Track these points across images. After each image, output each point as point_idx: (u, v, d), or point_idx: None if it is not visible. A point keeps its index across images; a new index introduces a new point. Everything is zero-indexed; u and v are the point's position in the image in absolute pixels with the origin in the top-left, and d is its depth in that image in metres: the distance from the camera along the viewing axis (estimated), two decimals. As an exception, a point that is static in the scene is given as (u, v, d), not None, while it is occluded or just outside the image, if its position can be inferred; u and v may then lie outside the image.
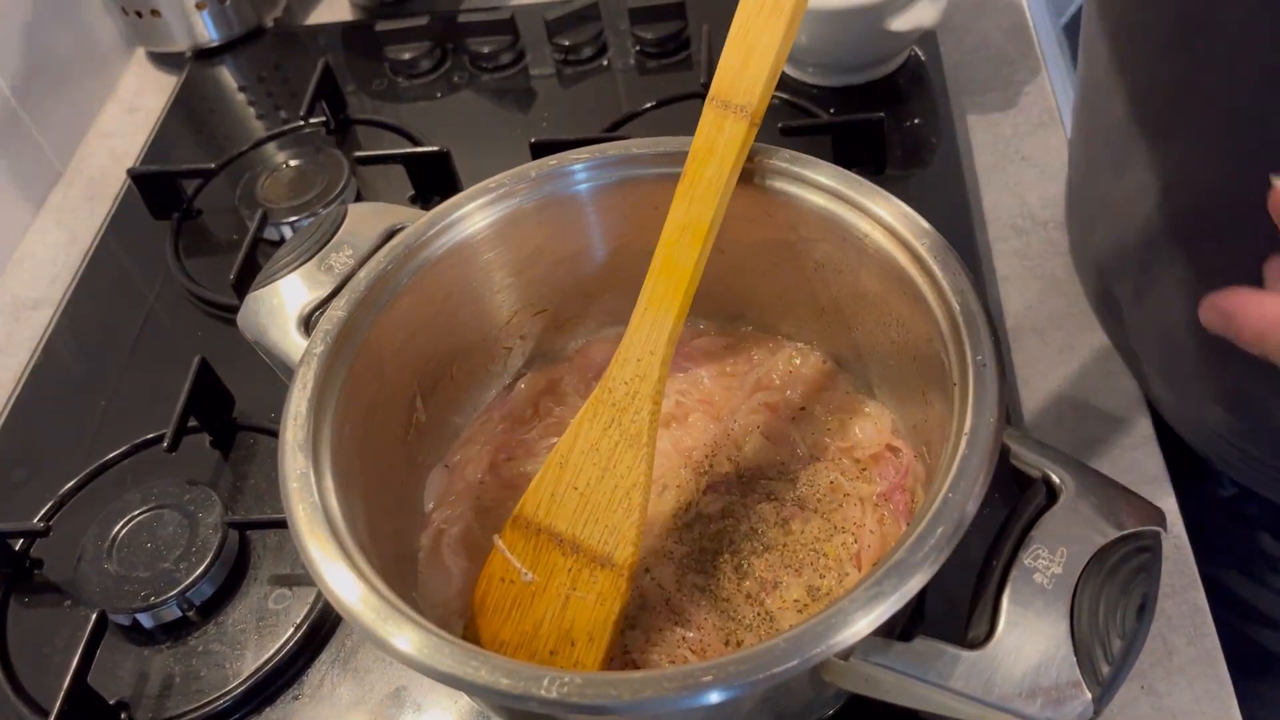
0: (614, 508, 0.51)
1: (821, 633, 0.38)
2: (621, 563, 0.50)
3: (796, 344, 0.62)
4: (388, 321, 0.54)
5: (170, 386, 0.71)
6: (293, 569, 0.64)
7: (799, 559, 0.54)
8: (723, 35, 0.51)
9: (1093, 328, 0.70)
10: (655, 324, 0.52)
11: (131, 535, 0.65)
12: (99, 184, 0.97)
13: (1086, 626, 0.40)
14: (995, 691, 0.39)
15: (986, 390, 0.44)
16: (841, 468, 0.57)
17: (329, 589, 0.42)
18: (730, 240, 0.52)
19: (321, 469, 0.47)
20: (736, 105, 0.51)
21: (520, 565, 0.52)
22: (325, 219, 0.58)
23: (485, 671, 0.39)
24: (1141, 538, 0.42)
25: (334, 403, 0.50)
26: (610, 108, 0.91)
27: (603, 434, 0.52)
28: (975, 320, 0.46)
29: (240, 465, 0.71)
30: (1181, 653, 0.56)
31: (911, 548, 0.40)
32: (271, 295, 0.56)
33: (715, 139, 0.51)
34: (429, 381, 0.59)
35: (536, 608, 0.51)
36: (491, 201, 0.56)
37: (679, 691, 0.38)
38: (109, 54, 1.08)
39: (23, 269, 0.91)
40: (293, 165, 0.88)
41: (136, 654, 0.62)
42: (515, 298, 0.61)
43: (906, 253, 0.50)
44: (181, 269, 0.85)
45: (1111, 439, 0.65)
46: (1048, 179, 0.80)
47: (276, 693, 0.60)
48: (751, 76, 0.50)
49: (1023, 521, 0.43)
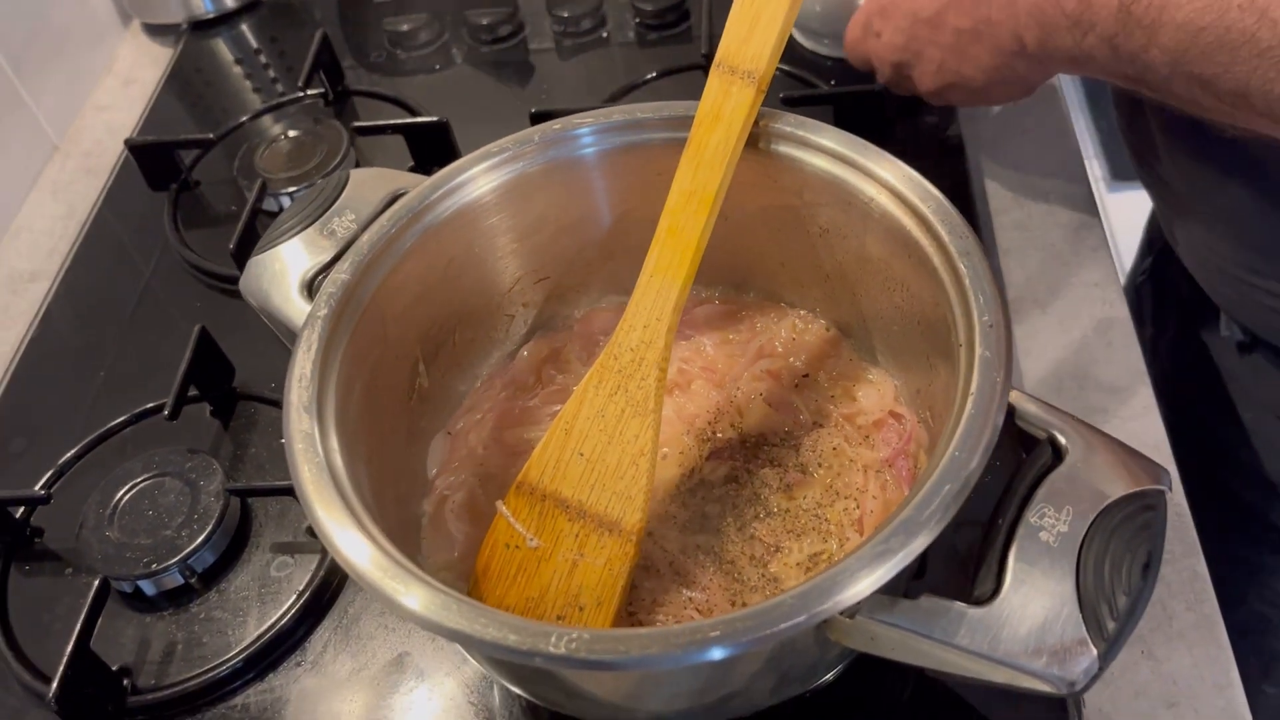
0: (621, 474, 0.51)
1: (827, 589, 0.38)
2: (630, 528, 0.50)
3: (800, 311, 0.62)
4: (391, 286, 0.54)
5: (169, 357, 0.71)
6: (294, 536, 0.64)
7: (801, 524, 0.54)
8: (723, 7, 0.51)
9: (1094, 299, 0.70)
10: (661, 291, 0.52)
11: (133, 503, 0.65)
12: (96, 156, 0.97)
13: (1092, 584, 0.40)
14: (1001, 648, 0.40)
15: (993, 350, 0.44)
16: (844, 434, 0.57)
17: (336, 548, 0.42)
18: (734, 206, 0.52)
19: (327, 430, 0.47)
20: (744, 71, 0.51)
21: (525, 531, 0.52)
22: (327, 184, 0.58)
23: (494, 628, 0.39)
24: (1146, 496, 0.42)
25: (338, 366, 0.50)
26: (610, 80, 0.91)
27: (609, 400, 0.52)
28: (982, 281, 0.46)
29: (241, 434, 0.71)
30: (1181, 618, 0.57)
31: (918, 506, 0.40)
32: (274, 260, 0.56)
33: (722, 105, 0.51)
34: (432, 347, 0.59)
35: (542, 573, 0.51)
36: (496, 165, 0.56)
37: (686, 648, 0.38)
38: (105, 26, 1.07)
39: (20, 241, 0.90)
40: (291, 136, 0.88)
41: (138, 621, 0.62)
42: (518, 264, 0.61)
43: (912, 216, 0.50)
44: (180, 240, 0.84)
45: (1112, 409, 0.66)
46: (1048, 151, 0.80)
47: (278, 659, 0.60)
48: (759, 42, 0.50)
49: (1028, 481, 0.43)
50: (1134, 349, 0.68)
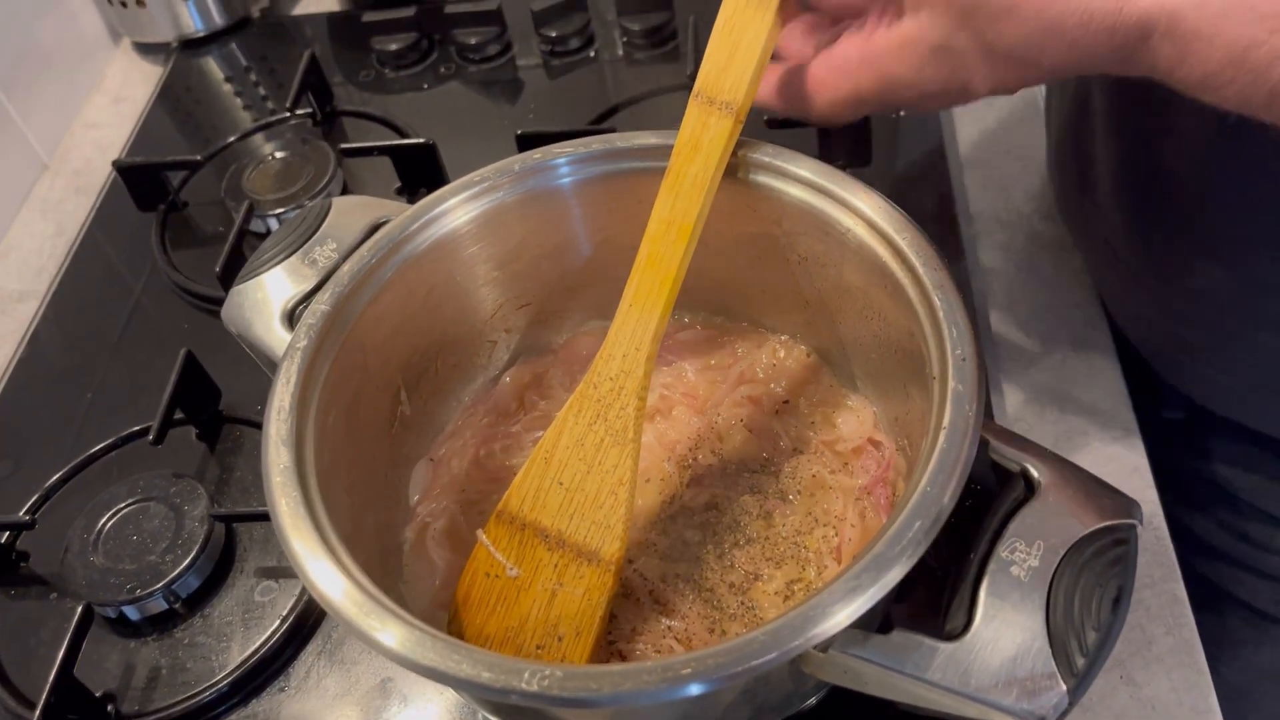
0: (600, 503, 0.51)
1: (800, 625, 0.39)
2: (608, 558, 0.50)
3: (780, 337, 0.62)
4: (372, 315, 0.54)
5: (156, 379, 0.71)
6: (279, 561, 0.65)
7: (780, 552, 0.54)
8: (709, 26, 0.51)
9: (1075, 321, 0.71)
10: (640, 320, 0.52)
11: (118, 528, 0.65)
12: (85, 175, 0.97)
13: (1062, 619, 0.40)
14: (972, 683, 0.40)
15: (965, 384, 0.44)
16: (824, 461, 0.57)
17: (312, 584, 0.43)
18: (714, 234, 0.53)
19: (305, 463, 0.47)
20: (722, 102, 0.51)
21: (505, 560, 0.52)
22: (309, 213, 0.58)
23: (467, 665, 0.39)
24: (1117, 531, 0.42)
25: (318, 396, 0.50)
26: (597, 99, 0.91)
27: (588, 429, 0.52)
28: (955, 314, 0.46)
29: (226, 458, 0.71)
30: (1160, 642, 0.57)
31: (890, 541, 0.40)
32: (255, 289, 0.56)
33: (700, 135, 0.51)
34: (413, 375, 0.59)
35: (522, 603, 0.51)
36: (475, 195, 0.56)
37: (659, 684, 0.38)
38: (94, 44, 1.07)
39: (8, 261, 0.91)
40: (279, 157, 0.88)
41: (123, 646, 0.62)
42: (499, 291, 0.61)
43: (888, 247, 0.50)
44: (168, 261, 0.85)
45: (1092, 431, 0.66)
46: (1032, 173, 0.81)
47: (263, 685, 0.60)
48: (737, 72, 0.50)
49: (1000, 515, 0.43)
50: (1115, 371, 0.68)
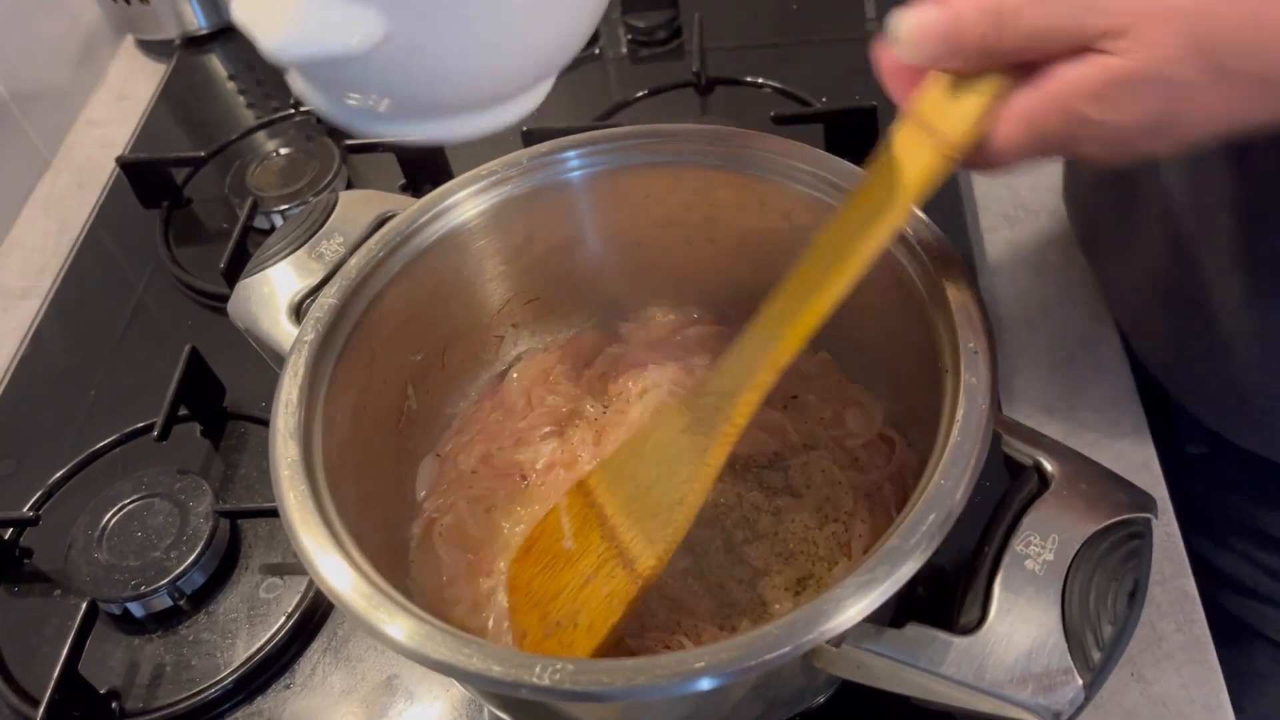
0: (655, 514, 0.49)
1: (813, 620, 0.38)
2: (641, 571, 0.48)
3: (789, 332, 0.62)
4: (379, 309, 0.54)
5: (160, 376, 0.71)
6: (284, 558, 0.64)
7: (790, 548, 0.54)
8: (714, 23, 0.50)
9: (1084, 317, 0.70)
10: (762, 345, 0.48)
11: (122, 524, 0.65)
12: (88, 173, 0.97)
13: (1078, 613, 0.40)
14: (987, 677, 0.39)
15: (978, 377, 0.44)
16: (834, 457, 0.57)
17: (320, 577, 0.42)
18: (722, 228, 0.52)
19: (313, 457, 0.47)
20: (941, 132, 0.42)
21: (568, 529, 0.51)
22: (316, 207, 0.58)
23: (478, 659, 0.39)
24: (1133, 524, 0.42)
25: (325, 391, 0.50)
26: (602, 96, 0.91)
27: (676, 436, 0.50)
28: (967, 307, 0.46)
29: (231, 454, 0.71)
30: (1170, 639, 0.56)
31: (903, 535, 0.40)
32: (262, 283, 0.56)
33: (904, 163, 0.43)
34: (420, 370, 0.59)
35: (564, 575, 0.50)
36: (483, 189, 0.56)
37: (672, 679, 0.38)
38: (97, 41, 1.07)
39: (11, 258, 0.90)
40: (283, 153, 0.88)
41: (127, 643, 0.62)
42: (507, 286, 0.61)
43: (898, 240, 0.50)
44: (171, 258, 0.84)
45: (1101, 428, 0.65)
46: (1040, 168, 0.80)
47: (268, 682, 0.60)
48: (965, 108, 0.41)
49: (1014, 508, 0.43)
50: (1124, 368, 0.68)
